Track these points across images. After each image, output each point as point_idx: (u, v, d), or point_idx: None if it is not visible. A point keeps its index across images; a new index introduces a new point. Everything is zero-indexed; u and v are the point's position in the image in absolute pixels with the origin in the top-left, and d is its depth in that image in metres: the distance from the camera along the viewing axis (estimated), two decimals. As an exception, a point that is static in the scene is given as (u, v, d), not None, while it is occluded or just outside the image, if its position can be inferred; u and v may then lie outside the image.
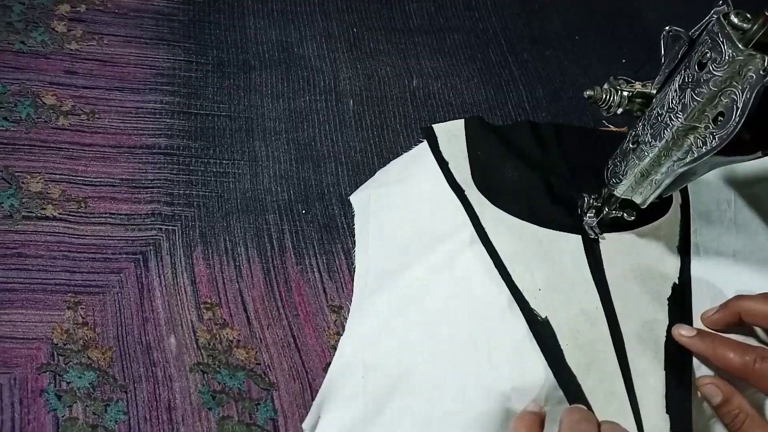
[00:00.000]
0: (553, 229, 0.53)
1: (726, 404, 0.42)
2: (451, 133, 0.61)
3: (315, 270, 0.56)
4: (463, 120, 0.61)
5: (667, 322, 0.47)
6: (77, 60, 0.65)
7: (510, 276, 0.49)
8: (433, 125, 0.61)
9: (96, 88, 0.64)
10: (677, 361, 0.45)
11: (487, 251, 0.51)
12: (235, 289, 0.54)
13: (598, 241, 0.52)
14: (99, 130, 0.61)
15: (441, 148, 0.59)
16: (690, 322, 0.47)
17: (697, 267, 0.51)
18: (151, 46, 0.68)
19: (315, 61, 0.70)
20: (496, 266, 0.50)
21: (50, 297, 0.51)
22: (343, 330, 0.52)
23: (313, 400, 0.49)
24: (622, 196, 0.50)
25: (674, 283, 0.50)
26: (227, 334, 0.51)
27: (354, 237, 0.57)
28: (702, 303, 0.48)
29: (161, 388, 0.48)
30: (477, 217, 0.53)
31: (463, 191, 0.55)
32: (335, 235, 0.58)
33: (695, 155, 0.41)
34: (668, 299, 0.49)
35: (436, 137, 0.60)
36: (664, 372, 0.45)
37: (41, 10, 0.68)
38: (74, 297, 0.51)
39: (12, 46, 0.65)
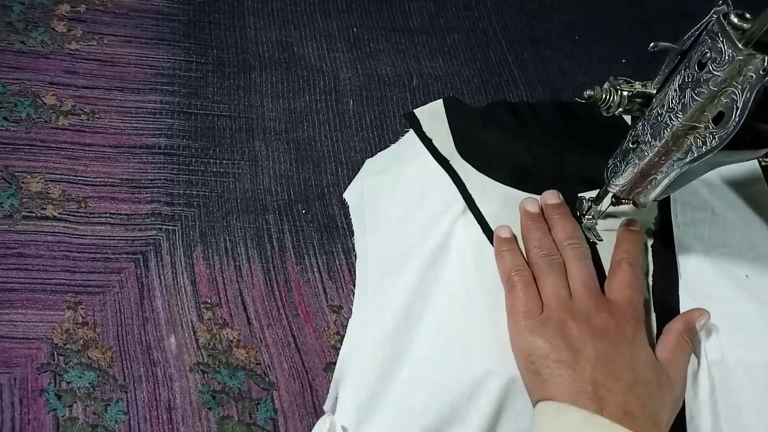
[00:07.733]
0: (536, 194, 0.55)
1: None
2: (432, 113, 0.64)
3: (315, 270, 0.56)
4: (441, 99, 0.65)
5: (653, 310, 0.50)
6: (77, 60, 0.65)
7: None
8: (413, 110, 0.65)
9: (96, 88, 0.64)
10: None
11: (475, 217, 0.54)
12: (235, 289, 0.54)
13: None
14: (99, 130, 0.61)
15: (424, 128, 0.62)
16: (675, 310, 0.49)
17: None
18: (151, 46, 0.68)
19: (315, 61, 0.70)
20: (484, 231, 0.53)
21: (50, 297, 0.51)
22: (344, 330, 0.52)
23: (313, 400, 0.49)
24: (622, 197, 0.50)
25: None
26: (227, 334, 0.51)
27: (353, 236, 0.57)
28: (687, 306, 0.49)
29: (161, 388, 0.48)
30: (464, 184, 0.56)
31: (448, 161, 0.58)
32: (335, 235, 0.58)
33: (695, 155, 0.41)
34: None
35: (418, 120, 0.63)
36: None
37: (41, 10, 0.68)
38: (74, 297, 0.51)
39: (12, 46, 0.65)
